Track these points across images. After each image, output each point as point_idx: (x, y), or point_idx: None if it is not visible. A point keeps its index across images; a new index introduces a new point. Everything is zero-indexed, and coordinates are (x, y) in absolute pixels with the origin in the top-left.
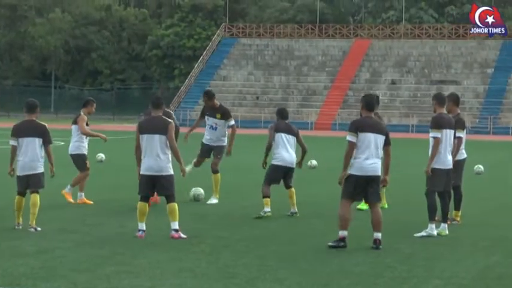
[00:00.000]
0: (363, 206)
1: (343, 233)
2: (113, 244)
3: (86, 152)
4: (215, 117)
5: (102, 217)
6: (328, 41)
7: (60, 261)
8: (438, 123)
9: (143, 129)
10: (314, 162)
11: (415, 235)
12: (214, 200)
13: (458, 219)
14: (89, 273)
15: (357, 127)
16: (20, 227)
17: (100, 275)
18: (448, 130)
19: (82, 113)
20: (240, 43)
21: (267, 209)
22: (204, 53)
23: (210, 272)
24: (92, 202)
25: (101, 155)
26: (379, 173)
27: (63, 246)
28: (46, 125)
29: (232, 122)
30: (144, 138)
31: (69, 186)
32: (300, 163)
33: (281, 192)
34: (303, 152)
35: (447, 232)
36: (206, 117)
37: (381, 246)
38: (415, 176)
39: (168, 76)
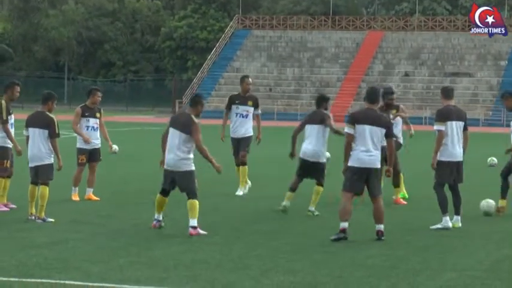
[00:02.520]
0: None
1: (343, 225)
2: (127, 235)
3: (83, 146)
4: (247, 104)
5: (116, 209)
6: (342, 33)
7: (73, 252)
8: (442, 116)
9: (171, 123)
10: (327, 154)
11: (430, 227)
12: (241, 192)
13: None
14: (102, 264)
15: (354, 119)
16: (33, 218)
17: (113, 266)
18: (454, 122)
19: (79, 107)
20: (253, 35)
21: (286, 202)
22: (217, 44)
23: (223, 264)
24: (98, 198)
25: (114, 147)
26: (378, 166)
27: (77, 237)
28: (54, 117)
29: (260, 111)
30: (170, 132)
31: (72, 187)
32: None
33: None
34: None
35: (460, 224)
36: (235, 106)
37: (383, 237)
38: (428, 169)
39: (181, 68)
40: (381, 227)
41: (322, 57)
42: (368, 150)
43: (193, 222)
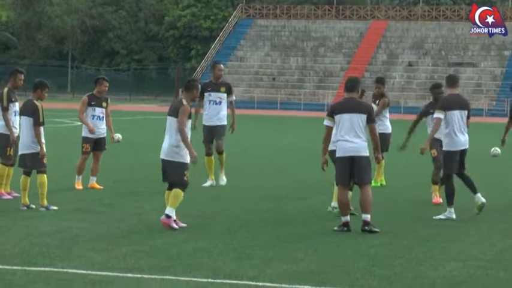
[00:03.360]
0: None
1: (345, 219)
2: (130, 224)
3: (88, 135)
4: (219, 91)
5: (119, 197)
6: (345, 23)
7: (76, 240)
8: (442, 105)
9: (169, 111)
10: None
11: (434, 217)
12: (224, 181)
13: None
14: (105, 253)
15: (332, 110)
16: (25, 208)
17: (116, 255)
18: (457, 111)
19: (86, 95)
20: (256, 24)
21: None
22: (221, 33)
23: (226, 253)
24: (102, 187)
25: (118, 135)
26: (363, 153)
27: (80, 226)
28: (40, 105)
29: (234, 98)
30: (167, 120)
31: (76, 176)
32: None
33: (296, 176)
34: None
35: (484, 200)
36: (207, 93)
37: (367, 227)
38: (427, 157)
39: (185, 57)
40: (367, 216)
41: (325, 47)
42: (350, 139)
43: (170, 211)
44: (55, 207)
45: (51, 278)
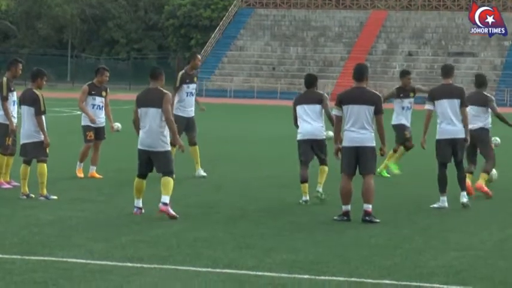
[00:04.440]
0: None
1: (346, 208)
2: (129, 214)
3: (88, 124)
4: (194, 81)
5: (118, 187)
6: (345, 12)
7: (76, 230)
8: (430, 95)
9: (139, 103)
10: (330, 133)
11: (430, 206)
12: (203, 172)
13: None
14: (105, 243)
15: (341, 100)
16: (24, 197)
17: (116, 244)
18: (446, 100)
19: (86, 84)
20: (256, 13)
21: (304, 197)
22: (221, 23)
23: (226, 242)
24: (101, 176)
25: (118, 124)
26: (369, 144)
27: (80, 215)
28: (40, 94)
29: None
30: (141, 112)
31: (78, 163)
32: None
33: (296, 165)
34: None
35: (466, 199)
36: (186, 85)
37: (368, 218)
38: (433, 148)
39: (185, 46)
40: (369, 206)
41: (325, 37)
42: (357, 129)
43: (165, 199)
44: (55, 197)
45: (51, 267)
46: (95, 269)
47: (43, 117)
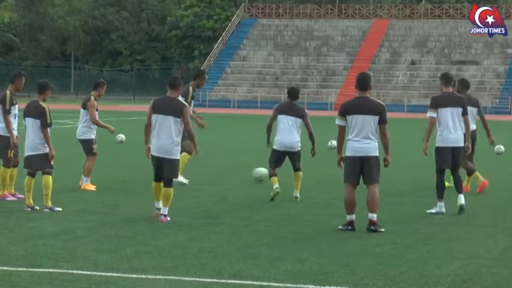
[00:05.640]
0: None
1: (350, 217)
2: (133, 225)
3: (93, 137)
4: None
5: (122, 198)
6: (348, 21)
7: (80, 241)
8: (433, 103)
9: (157, 109)
10: (334, 142)
11: (426, 211)
12: (185, 180)
13: None
14: (109, 254)
15: (344, 110)
16: (29, 209)
17: (121, 256)
18: (448, 109)
19: (92, 98)
20: (259, 23)
21: (275, 185)
22: (224, 33)
23: (231, 253)
24: (94, 188)
25: (121, 136)
26: (373, 154)
27: (84, 226)
28: (47, 107)
29: None
30: (157, 118)
31: (84, 178)
32: (312, 151)
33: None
34: (309, 137)
35: (463, 202)
36: (192, 101)
37: (372, 227)
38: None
39: (188, 57)
40: (373, 216)
41: (328, 46)
42: (362, 139)
43: (165, 210)
44: (59, 209)
45: (56, 279)
46: (100, 280)
47: (48, 129)
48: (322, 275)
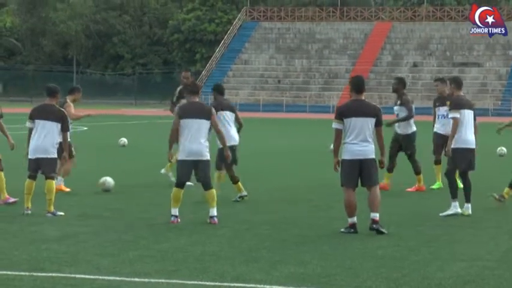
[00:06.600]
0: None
1: (352, 220)
2: (136, 229)
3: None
4: None
5: (124, 202)
6: (350, 24)
7: (83, 246)
8: (458, 104)
9: (186, 114)
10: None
11: (440, 215)
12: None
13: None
14: (112, 258)
15: (341, 113)
16: (29, 212)
17: (123, 260)
18: (467, 111)
19: (68, 100)
20: (261, 27)
21: (244, 193)
22: (226, 37)
23: (233, 256)
24: (69, 189)
25: (124, 140)
26: (371, 156)
27: (86, 231)
28: (65, 111)
29: None
30: (187, 123)
31: (61, 178)
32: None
33: (302, 178)
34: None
35: (470, 212)
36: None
37: (375, 225)
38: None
39: (190, 60)
40: (376, 215)
41: (330, 49)
42: (359, 142)
43: (213, 211)
44: (62, 213)
45: (59, 283)
46: (103, 284)
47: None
48: (325, 277)
